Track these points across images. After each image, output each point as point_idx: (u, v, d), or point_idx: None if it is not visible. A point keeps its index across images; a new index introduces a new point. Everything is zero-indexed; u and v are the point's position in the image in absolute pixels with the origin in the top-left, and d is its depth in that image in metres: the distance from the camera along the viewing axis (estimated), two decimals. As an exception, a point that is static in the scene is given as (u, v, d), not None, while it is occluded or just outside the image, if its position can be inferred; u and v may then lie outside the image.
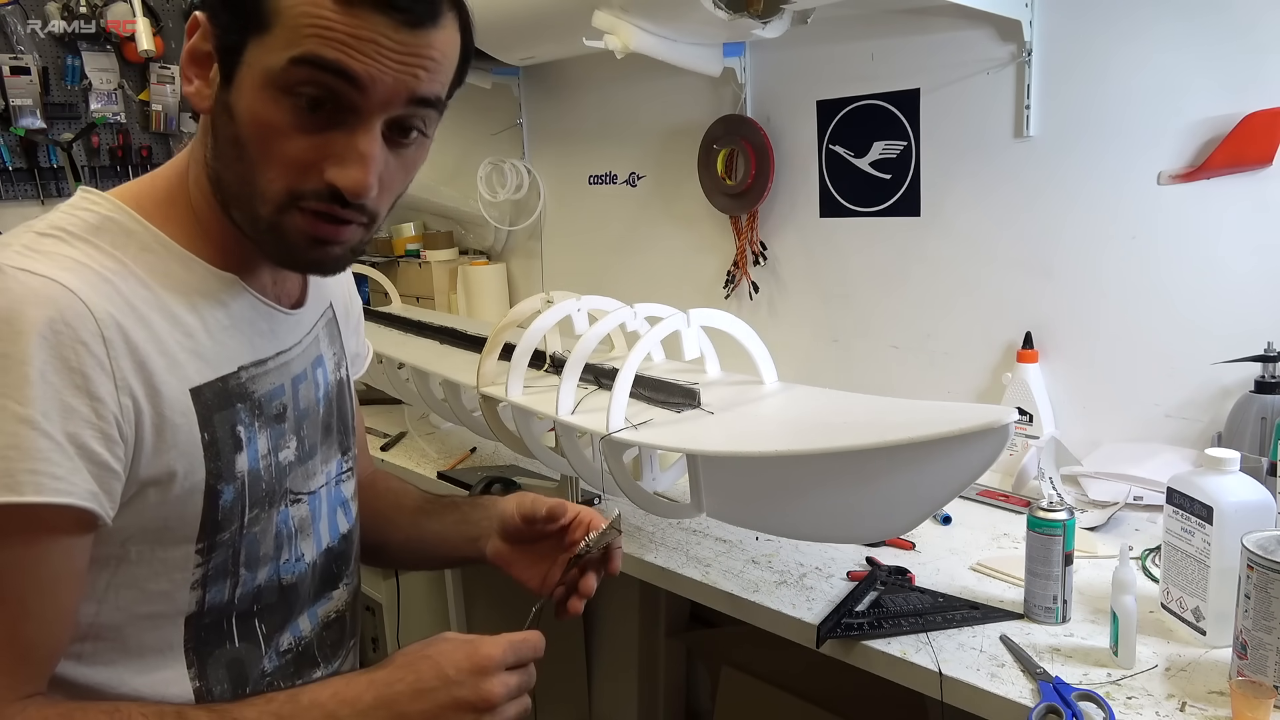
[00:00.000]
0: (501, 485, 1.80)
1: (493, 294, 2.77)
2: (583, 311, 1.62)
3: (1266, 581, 0.98)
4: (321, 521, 0.88)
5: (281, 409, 0.81)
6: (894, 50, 1.85)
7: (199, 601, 0.77)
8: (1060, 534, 1.18)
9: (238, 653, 0.80)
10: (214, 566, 0.76)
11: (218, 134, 0.72)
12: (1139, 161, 1.57)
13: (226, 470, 0.75)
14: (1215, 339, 1.52)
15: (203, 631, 0.78)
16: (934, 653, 1.14)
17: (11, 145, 2.72)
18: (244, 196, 0.72)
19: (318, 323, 0.90)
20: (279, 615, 0.84)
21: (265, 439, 0.79)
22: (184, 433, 0.71)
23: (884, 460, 1.10)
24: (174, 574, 0.74)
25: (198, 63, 0.72)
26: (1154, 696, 1.04)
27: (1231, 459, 1.11)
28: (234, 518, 0.77)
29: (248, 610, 0.80)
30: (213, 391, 0.74)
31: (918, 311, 1.91)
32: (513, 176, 2.65)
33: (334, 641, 0.91)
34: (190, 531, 0.74)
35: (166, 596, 0.75)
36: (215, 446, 0.74)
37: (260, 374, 0.79)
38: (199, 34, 0.71)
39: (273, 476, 0.80)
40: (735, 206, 2.13)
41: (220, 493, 0.75)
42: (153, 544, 0.73)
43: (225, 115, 0.71)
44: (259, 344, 0.80)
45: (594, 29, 1.81)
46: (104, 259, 0.70)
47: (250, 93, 0.69)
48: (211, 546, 0.76)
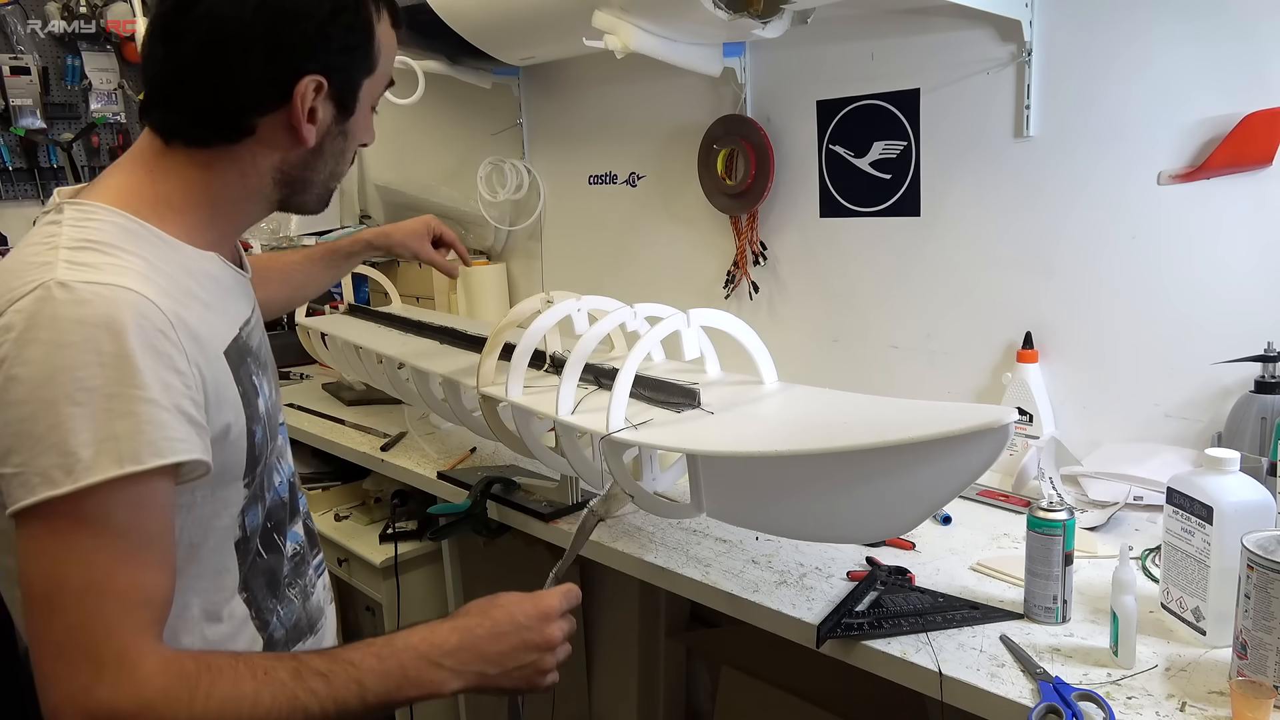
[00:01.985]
0: (502, 485, 1.80)
1: (493, 294, 2.77)
2: (583, 311, 1.62)
3: (1266, 581, 0.98)
4: (288, 444, 1.07)
5: (267, 356, 1.00)
6: (894, 50, 1.85)
7: (241, 526, 0.92)
8: (1060, 534, 1.18)
9: (268, 563, 0.97)
10: (251, 495, 0.92)
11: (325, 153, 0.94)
12: (1139, 161, 1.57)
13: (254, 414, 0.90)
14: (1215, 339, 1.52)
15: (248, 552, 0.93)
16: (934, 653, 1.14)
17: (11, 145, 2.72)
18: (323, 181, 0.96)
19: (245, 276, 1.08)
20: (284, 526, 1.01)
21: (267, 382, 0.96)
22: (227, 389, 0.86)
23: (884, 460, 1.10)
24: (231, 508, 0.90)
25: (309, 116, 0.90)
26: (1154, 696, 1.04)
27: (1231, 459, 1.11)
28: (264, 451, 0.93)
29: (266, 527, 0.96)
30: (234, 350, 0.89)
31: (918, 311, 1.91)
32: (513, 176, 2.65)
33: (312, 540, 1.10)
34: (240, 469, 0.89)
35: (222, 528, 0.90)
36: (246, 396, 0.89)
37: (251, 329, 0.96)
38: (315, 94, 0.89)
39: (274, 411, 0.98)
40: (735, 206, 2.13)
41: (254, 432, 0.90)
42: (213, 486, 0.86)
43: (341, 139, 0.94)
44: (241, 306, 0.96)
45: (594, 29, 1.81)
46: (136, 260, 0.81)
47: (364, 116, 0.96)
48: (252, 479, 0.91)
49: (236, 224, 0.96)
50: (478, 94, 2.62)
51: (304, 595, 1.04)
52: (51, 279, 0.75)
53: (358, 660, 0.81)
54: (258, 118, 0.89)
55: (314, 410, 2.44)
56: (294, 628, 1.01)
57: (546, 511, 1.68)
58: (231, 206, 0.93)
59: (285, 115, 0.89)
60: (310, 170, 0.94)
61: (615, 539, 1.56)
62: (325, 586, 1.12)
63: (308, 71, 0.87)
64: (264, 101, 0.88)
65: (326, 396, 2.62)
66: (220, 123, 0.88)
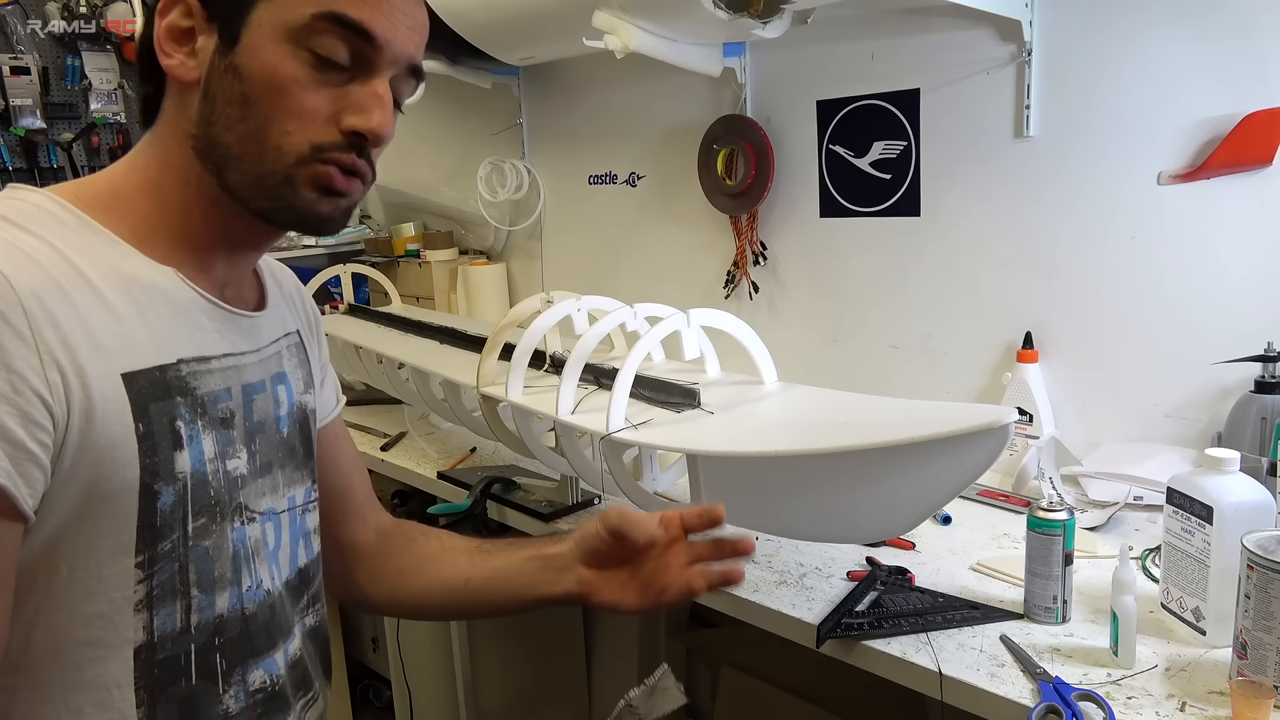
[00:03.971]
0: (501, 485, 1.80)
1: (493, 294, 2.77)
2: (583, 311, 1.62)
3: (1266, 581, 0.98)
4: (283, 549, 0.83)
5: (229, 414, 0.76)
6: (894, 50, 1.85)
7: (146, 627, 0.69)
8: (1060, 534, 1.18)
9: (191, 690, 0.72)
10: (159, 584, 0.69)
11: (216, 98, 0.71)
12: (1139, 161, 1.57)
13: (164, 468, 0.69)
14: (1215, 339, 1.52)
15: (156, 667, 0.70)
16: (934, 653, 1.14)
17: (11, 145, 2.72)
18: (251, 155, 0.72)
19: (281, 339, 0.87)
20: (243, 649, 0.76)
21: (210, 442, 0.73)
22: (115, 420, 0.65)
23: (884, 460, 1.10)
24: (112, 593, 0.67)
25: (176, 39, 0.72)
26: (1154, 696, 1.04)
27: (1231, 459, 1.11)
28: (175, 525, 0.69)
29: (208, 643, 0.73)
30: (148, 380, 0.69)
31: (918, 311, 1.91)
32: (513, 176, 2.65)
33: (300, 679, 0.85)
34: (127, 539, 0.67)
35: (106, 621, 0.67)
36: (151, 440, 0.68)
37: (203, 371, 0.74)
38: (177, 11, 0.72)
39: (221, 485, 0.74)
40: (735, 206, 2.13)
41: (158, 493, 0.68)
42: (86, 555, 0.66)
43: (230, 77, 0.71)
44: (202, 340, 0.75)
45: (594, 29, 1.81)
46: (30, 239, 0.66)
47: (265, 48, 0.70)
48: (153, 559, 0.68)
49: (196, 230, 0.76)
50: (478, 94, 2.62)
51: None
52: None
53: None
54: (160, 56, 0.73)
55: (314, 410, 2.44)
56: None
57: (546, 511, 1.68)
58: (170, 196, 0.74)
59: None
60: (214, 127, 0.72)
61: (615, 539, 1.56)
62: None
63: None
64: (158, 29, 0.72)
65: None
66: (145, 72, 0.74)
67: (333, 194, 0.74)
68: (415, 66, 0.77)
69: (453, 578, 0.99)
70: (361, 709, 2.64)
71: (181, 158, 0.74)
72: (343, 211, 0.76)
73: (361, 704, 2.65)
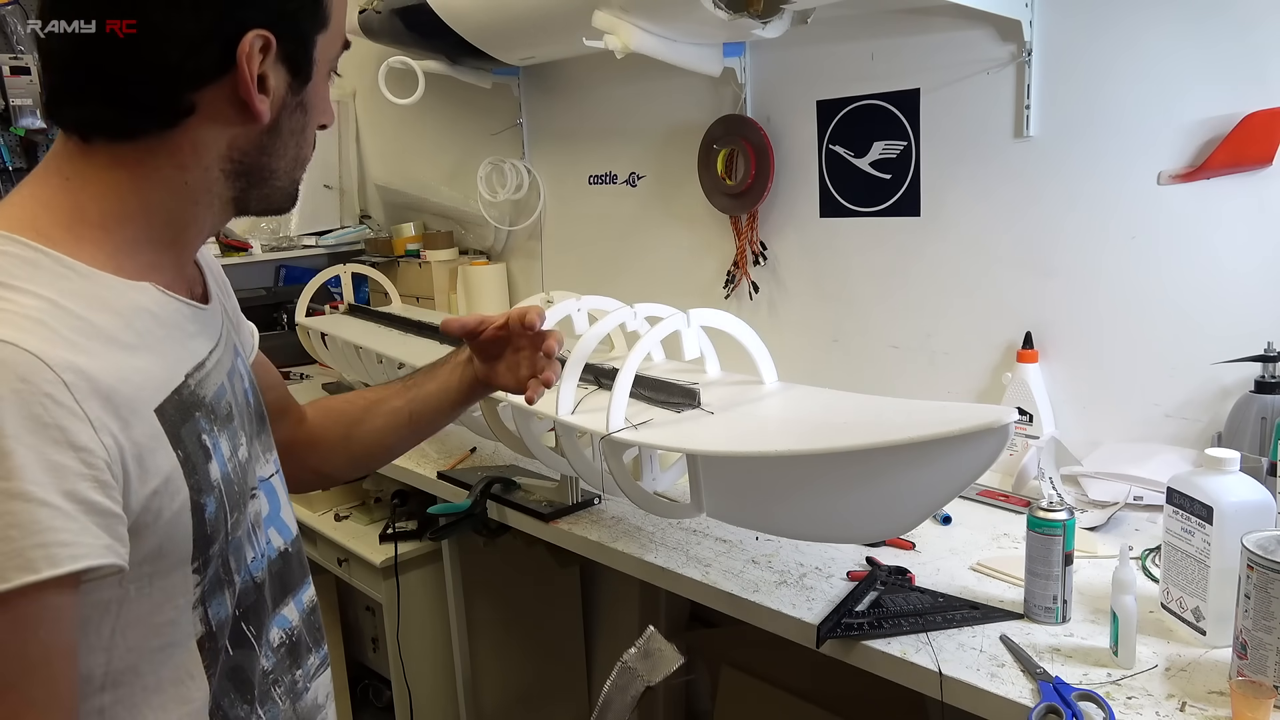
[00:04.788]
0: (501, 485, 1.80)
1: (493, 294, 2.77)
2: (583, 311, 1.62)
3: (1266, 581, 0.98)
4: (282, 509, 0.89)
5: (229, 408, 0.79)
6: (894, 50, 1.85)
7: (204, 620, 0.74)
8: (1060, 534, 1.18)
9: (236, 660, 0.78)
10: (210, 580, 0.74)
11: (282, 132, 0.76)
12: (1139, 161, 1.57)
13: (204, 482, 0.72)
14: (1215, 339, 1.52)
15: (215, 651, 0.76)
16: (934, 653, 1.14)
17: (11, 145, 2.72)
18: (288, 170, 0.78)
19: (224, 314, 0.87)
20: (260, 611, 0.82)
21: (225, 441, 0.76)
22: (161, 456, 0.68)
23: (884, 460, 1.10)
24: (177, 599, 0.71)
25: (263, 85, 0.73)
26: (1154, 696, 1.04)
27: (1231, 459, 1.12)
28: (219, 527, 0.74)
29: (234, 615, 0.79)
30: (173, 406, 0.70)
31: (918, 311, 1.91)
32: (513, 176, 2.65)
33: (317, 625, 0.92)
34: (185, 552, 0.71)
35: (175, 624, 0.72)
36: (190, 462, 0.70)
37: (204, 376, 0.76)
38: (270, 57, 0.72)
39: (239, 476, 0.78)
40: (735, 206, 2.13)
41: (204, 506, 0.72)
42: (151, 575, 0.69)
43: (299, 113, 0.77)
44: (194, 346, 0.76)
45: (594, 29, 1.81)
46: (27, 299, 0.63)
47: (321, 83, 0.78)
48: (205, 562, 0.73)
49: (183, 238, 0.77)
50: (478, 94, 2.62)
51: (293, 695, 0.85)
52: None
53: None
54: (195, 91, 0.70)
55: (314, 410, 2.44)
56: None
57: (546, 511, 1.68)
58: (172, 215, 0.74)
59: (230, 85, 0.71)
60: (269, 156, 0.76)
61: (615, 539, 1.56)
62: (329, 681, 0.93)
63: (250, 26, 0.70)
64: (201, 68, 0.70)
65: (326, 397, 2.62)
66: (150, 102, 0.70)
67: None
68: None
69: (396, 417, 1.11)
70: (361, 709, 2.64)
71: (206, 180, 0.74)
72: None
73: (361, 704, 2.65)
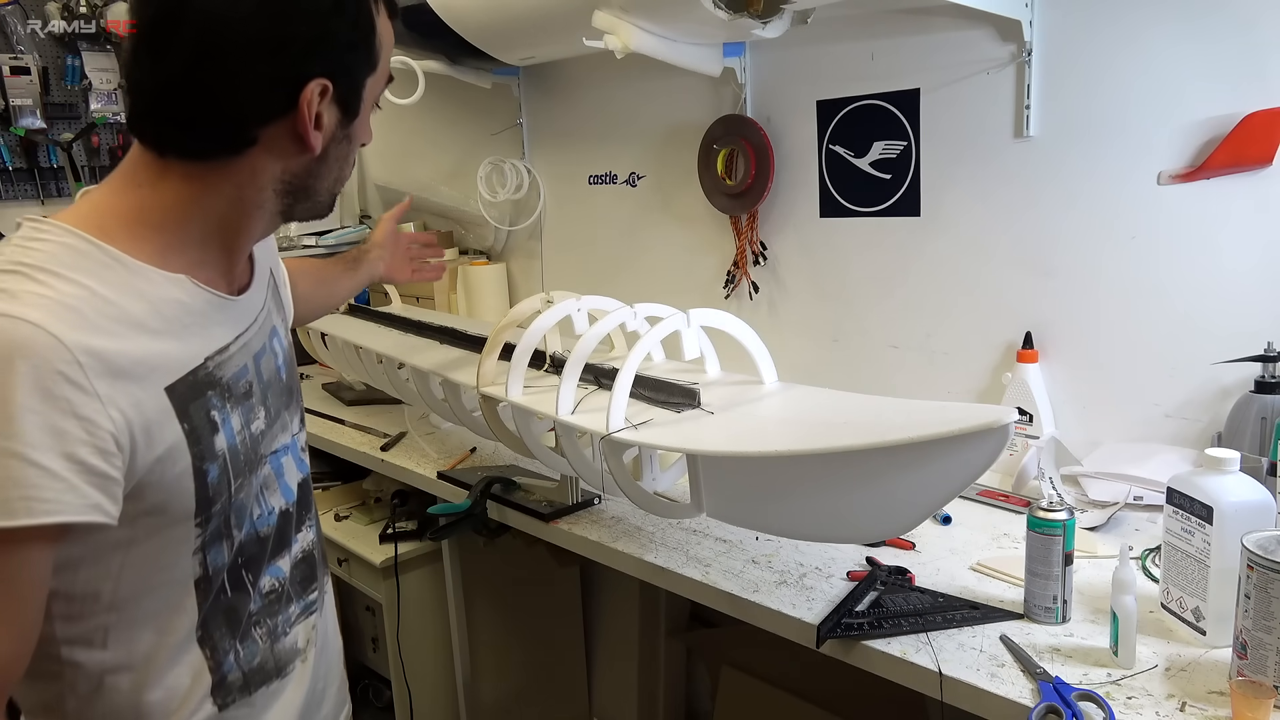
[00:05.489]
0: (501, 485, 1.80)
1: (493, 294, 2.77)
2: (583, 311, 1.62)
3: (1266, 581, 0.98)
4: (286, 475, 0.99)
5: (248, 387, 0.91)
6: (894, 50, 1.85)
7: (202, 565, 0.87)
8: (1060, 534, 1.18)
9: (231, 601, 0.91)
10: (210, 533, 0.87)
11: (329, 159, 0.88)
12: (1139, 161, 1.57)
13: (208, 451, 0.84)
14: (1215, 339, 1.52)
15: (209, 590, 0.89)
16: (934, 653, 1.14)
17: (11, 145, 2.72)
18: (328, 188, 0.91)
19: (266, 297, 1.00)
20: (259, 562, 0.95)
21: (238, 416, 0.89)
22: (166, 429, 0.80)
23: (884, 460, 1.10)
24: (179, 546, 0.85)
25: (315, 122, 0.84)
26: (1154, 696, 1.04)
27: (1231, 459, 1.12)
28: (222, 490, 0.86)
29: (235, 563, 0.91)
30: (185, 386, 0.82)
31: (918, 311, 1.91)
32: (513, 176, 2.65)
33: (304, 578, 1.03)
34: (188, 509, 0.83)
35: (174, 566, 0.85)
36: (195, 434, 0.82)
37: (225, 360, 0.88)
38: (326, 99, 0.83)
39: (249, 447, 0.90)
40: (735, 206, 2.13)
41: (206, 471, 0.84)
42: (157, 525, 0.82)
43: (345, 144, 0.89)
44: (219, 333, 0.88)
45: (594, 29, 1.81)
46: (67, 286, 0.75)
47: (366, 117, 0.90)
48: (207, 518, 0.86)
49: (234, 243, 0.89)
50: (478, 94, 2.62)
51: (272, 636, 0.97)
52: None
53: None
54: (260, 127, 0.82)
55: (314, 410, 2.44)
56: (255, 670, 0.94)
57: (546, 511, 1.68)
58: (226, 223, 0.87)
59: (290, 123, 0.82)
60: (315, 178, 0.89)
61: (615, 539, 1.56)
62: (313, 628, 1.04)
63: (313, 75, 0.81)
64: (267, 109, 0.82)
65: (326, 396, 2.63)
66: (221, 134, 0.82)
67: None
68: None
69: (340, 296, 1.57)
70: (361, 709, 2.64)
71: (260, 197, 0.87)
72: None
73: (361, 704, 2.65)
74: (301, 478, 1.03)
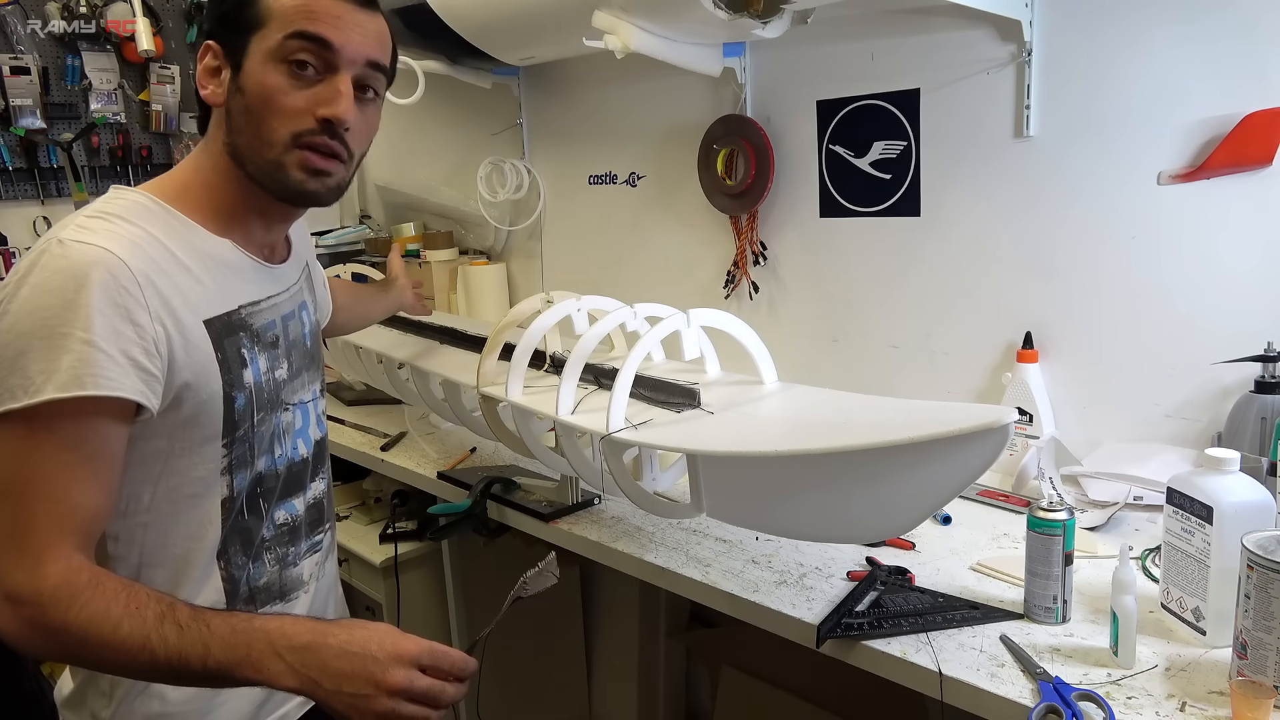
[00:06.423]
0: (501, 485, 1.80)
1: (493, 294, 2.77)
2: (583, 311, 1.62)
3: (1266, 581, 0.98)
4: (310, 427, 1.16)
5: (275, 338, 1.07)
6: (894, 50, 1.85)
7: (229, 485, 1.02)
8: (1060, 534, 1.18)
9: (247, 523, 1.06)
10: (236, 457, 1.02)
11: (233, 113, 0.99)
12: (1139, 161, 1.57)
13: (237, 381, 1.00)
14: (1215, 339, 1.52)
15: (232, 510, 1.03)
16: (934, 653, 1.14)
17: (11, 145, 2.71)
18: (255, 148, 0.98)
19: (300, 277, 1.17)
20: (272, 495, 1.09)
21: (264, 359, 1.05)
22: (202, 351, 0.96)
23: (884, 460, 1.10)
24: (209, 463, 1.00)
25: (211, 75, 1.00)
26: (1154, 696, 1.04)
27: (1231, 459, 1.12)
28: (246, 418, 1.02)
29: (255, 491, 1.06)
30: (220, 323, 0.99)
31: (918, 311, 1.91)
32: (513, 176, 2.65)
33: (313, 520, 1.17)
34: (216, 429, 0.99)
35: (205, 481, 1.00)
36: (227, 364, 0.99)
37: (256, 311, 1.04)
38: (210, 55, 1.00)
39: (272, 389, 1.06)
40: (735, 206, 2.13)
41: (235, 399, 1.00)
42: (190, 441, 0.97)
43: (239, 96, 0.98)
44: (252, 289, 1.05)
45: (594, 29, 1.81)
46: (134, 230, 0.94)
47: (257, 69, 0.97)
48: (233, 442, 1.01)
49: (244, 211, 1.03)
50: (478, 94, 2.62)
51: (281, 563, 1.11)
52: (55, 238, 0.90)
53: (215, 626, 0.85)
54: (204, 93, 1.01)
55: (314, 410, 2.44)
56: (261, 589, 1.08)
57: (546, 511, 1.68)
58: (222, 190, 1.02)
59: None
60: (236, 134, 0.99)
61: (615, 539, 1.56)
62: (317, 564, 1.18)
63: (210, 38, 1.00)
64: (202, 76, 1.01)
65: (327, 396, 2.62)
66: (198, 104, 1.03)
67: (318, 173, 1.00)
68: (376, 63, 1.01)
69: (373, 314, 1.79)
70: (361, 709, 2.64)
71: (223, 160, 1.01)
72: (330, 188, 1.02)
73: (361, 704, 2.64)
74: (320, 436, 1.20)
